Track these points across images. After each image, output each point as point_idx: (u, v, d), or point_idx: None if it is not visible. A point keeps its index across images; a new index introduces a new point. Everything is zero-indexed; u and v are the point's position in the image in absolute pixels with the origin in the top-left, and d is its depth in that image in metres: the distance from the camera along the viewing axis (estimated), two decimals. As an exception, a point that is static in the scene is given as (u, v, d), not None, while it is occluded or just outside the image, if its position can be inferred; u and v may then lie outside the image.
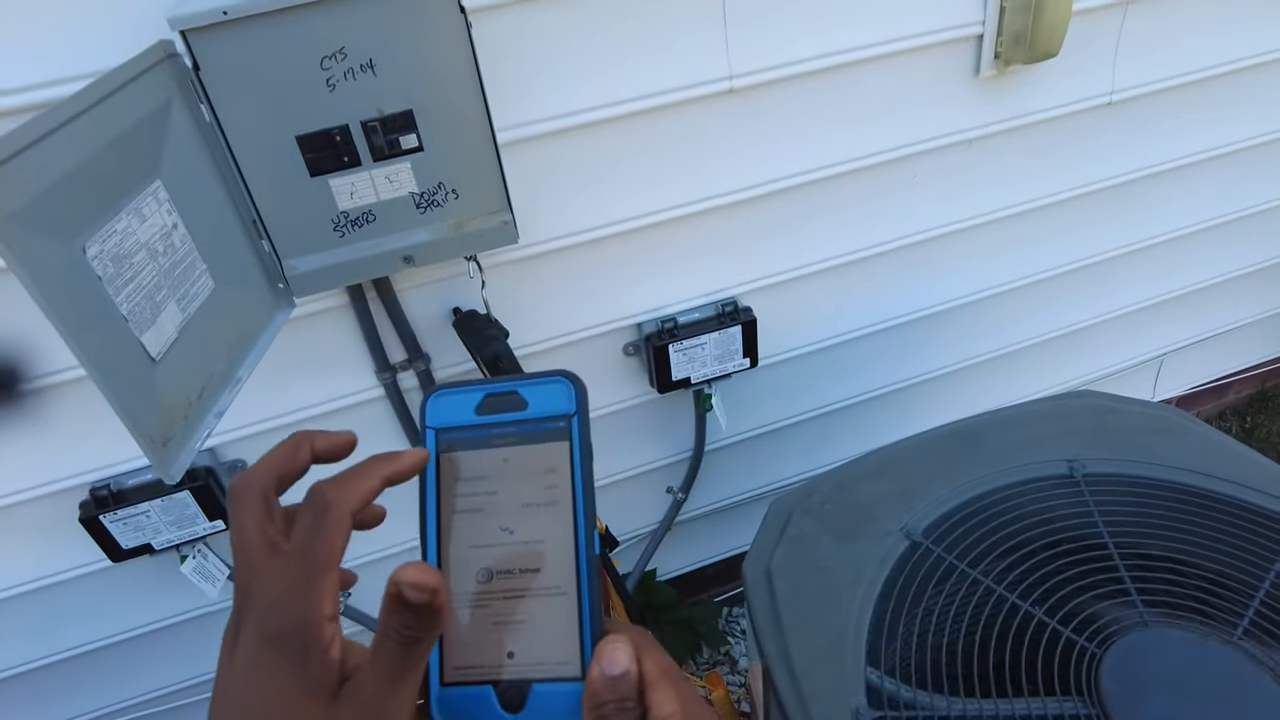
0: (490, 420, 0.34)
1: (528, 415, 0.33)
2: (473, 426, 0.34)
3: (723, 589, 1.74)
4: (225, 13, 0.74)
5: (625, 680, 0.30)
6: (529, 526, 0.33)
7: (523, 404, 0.34)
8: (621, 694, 0.30)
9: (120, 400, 0.62)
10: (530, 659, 0.31)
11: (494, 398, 0.34)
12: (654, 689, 0.30)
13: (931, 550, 0.84)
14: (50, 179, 0.59)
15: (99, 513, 1.05)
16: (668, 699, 0.30)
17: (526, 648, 0.32)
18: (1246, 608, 0.76)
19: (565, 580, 0.32)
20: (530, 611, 0.32)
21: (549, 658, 0.31)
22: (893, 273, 1.34)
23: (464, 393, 0.34)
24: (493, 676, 0.31)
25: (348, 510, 0.31)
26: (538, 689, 0.31)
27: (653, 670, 0.30)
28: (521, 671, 0.31)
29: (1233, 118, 1.41)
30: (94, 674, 1.29)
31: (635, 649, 0.30)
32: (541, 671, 0.31)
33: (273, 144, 0.83)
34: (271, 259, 0.90)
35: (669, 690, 0.30)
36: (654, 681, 0.30)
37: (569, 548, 0.32)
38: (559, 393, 0.33)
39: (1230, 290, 1.70)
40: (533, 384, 0.34)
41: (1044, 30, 1.09)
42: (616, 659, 0.30)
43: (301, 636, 0.28)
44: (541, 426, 0.33)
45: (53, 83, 0.80)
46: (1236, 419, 2.11)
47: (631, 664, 0.30)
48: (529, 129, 0.99)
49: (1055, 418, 0.99)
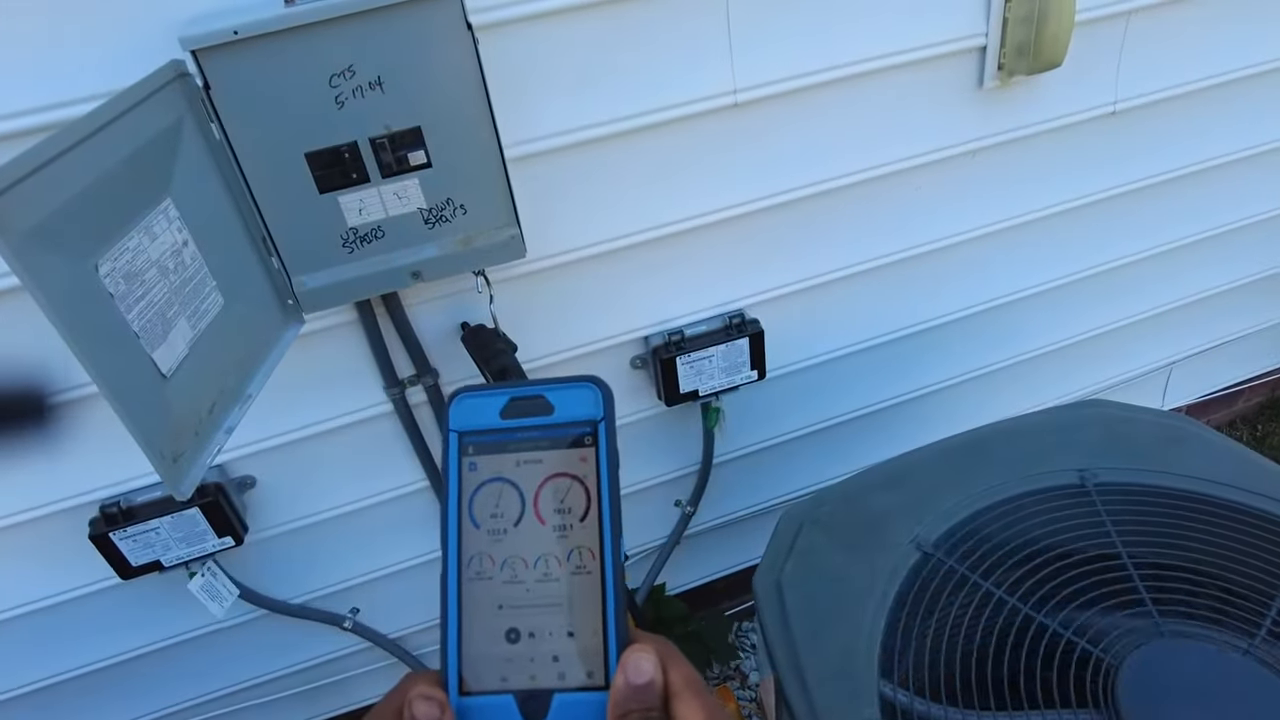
0: (515, 424, 0.33)
1: (554, 420, 0.33)
2: (497, 430, 0.33)
3: (733, 603, 1.73)
4: (236, 33, 0.75)
5: (650, 690, 0.29)
6: (553, 535, 0.32)
7: (549, 408, 0.33)
8: (646, 704, 0.29)
9: (132, 416, 0.63)
10: (553, 668, 0.31)
11: (519, 401, 0.33)
12: (678, 700, 0.30)
13: (943, 562, 0.84)
14: (64, 198, 0.60)
15: (109, 530, 1.05)
16: (692, 710, 0.29)
17: (548, 657, 0.31)
18: (1263, 616, 0.75)
19: (589, 589, 0.31)
20: (553, 619, 0.31)
21: (572, 667, 0.31)
22: (899, 284, 1.34)
23: (489, 396, 0.33)
24: (514, 686, 0.31)
25: (414, 686, 0.31)
26: (560, 698, 0.30)
27: (678, 681, 0.30)
28: (543, 681, 0.31)
29: (1238, 125, 1.41)
30: (102, 692, 1.28)
31: (660, 659, 0.30)
32: (564, 681, 0.31)
33: (282, 161, 0.83)
34: (281, 275, 0.90)
35: (693, 701, 0.30)
36: (679, 692, 0.30)
37: (594, 557, 0.32)
38: (586, 398, 0.33)
39: (1240, 297, 1.69)
40: (559, 388, 0.33)
41: (1047, 41, 1.10)
42: (642, 668, 0.29)
43: None
44: (568, 432, 0.33)
45: (61, 104, 0.81)
46: (1247, 427, 2.10)
47: (657, 673, 0.30)
48: (536, 145, 1.00)
49: (1065, 427, 0.99)
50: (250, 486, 1.15)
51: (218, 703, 1.38)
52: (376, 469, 1.20)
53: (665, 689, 0.30)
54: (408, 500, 1.25)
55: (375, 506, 1.23)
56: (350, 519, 1.23)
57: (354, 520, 1.24)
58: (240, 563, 1.21)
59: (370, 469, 1.20)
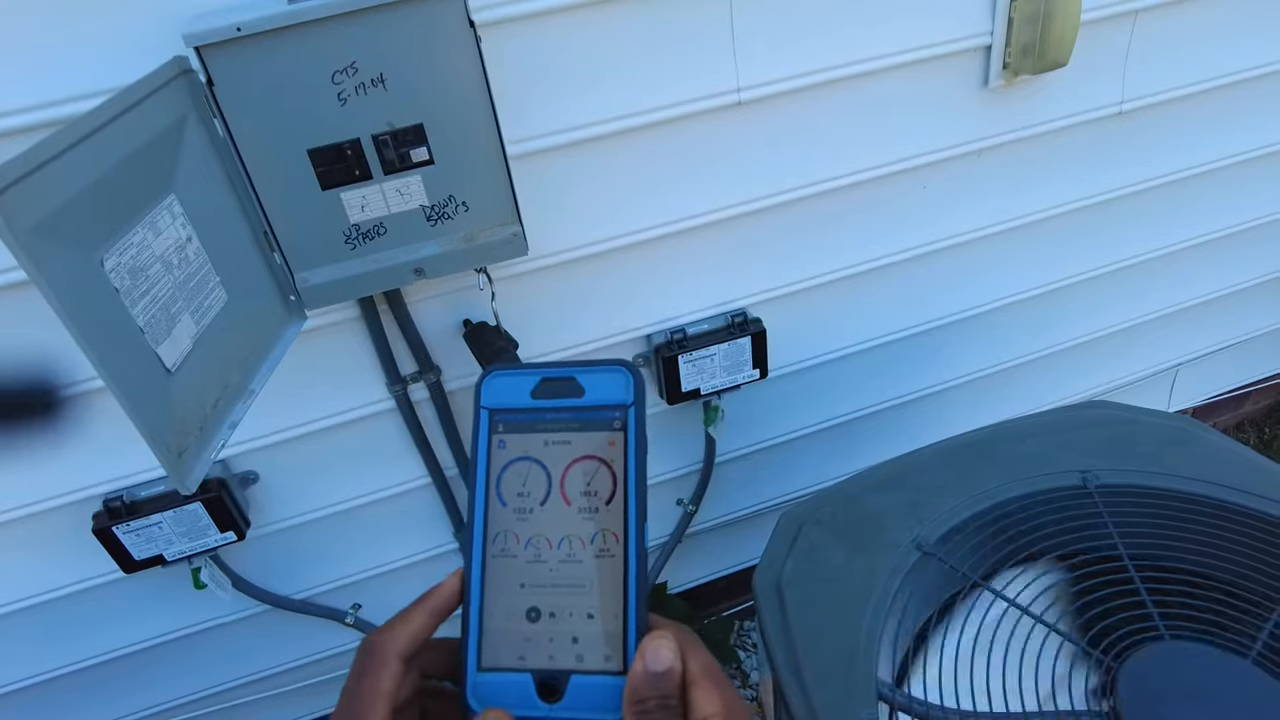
0: (545, 405, 0.33)
1: (584, 403, 0.33)
2: (527, 410, 0.33)
3: (735, 601, 1.73)
4: (239, 29, 0.75)
5: (669, 677, 0.29)
6: (579, 516, 0.32)
7: (579, 390, 0.33)
8: (664, 690, 0.29)
9: (137, 411, 0.63)
10: (571, 649, 0.31)
11: (550, 382, 0.33)
12: (696, 688, 0.30)
13: (944, 562, 0.83)
14: (70, 192, 0.60)
15: (112, 523, 1.06)
16: (710, 699, 0.29)
17: (568, 638, 0.31)
18: (1265, 620, 0.75)
19: (612, 573, 0.31)
20: (575, 602, 0.31)
21: (591, 649, 0.31)
22: (902, 284, 1.34)
23: (520, 375, 0.33)
24: (531, 665, 0.31)
25: (393, 653, 0.31)
26: (577, 680, 0.31)
27: (696, 669, 0.30)
28: (561, 661, 0.31)
29: (1248, 125, 1.40)
30: (102, 686, 1.29)
31: (680, 646, 0.30)
32: (582, 663, 0.31)
33: (285, 158, 0.84)
34: (284, 272, 0.90)
35: (712, 690, 0.30)
36: (697, 680, 0.30)
37: (618, 540, 0.32)
38: (617, 382, 0.33)
39: (1248, 299, 1.68)
40: (591, 371, 0.33)
41: (1053, 40, 1.09)
42: (661, 655, 0.30)
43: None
44: (598, 415, 0.33)
45: (65, 101, 0.82)
46: (1254, 430, 2.09)
47: (676, 661, 0.30)
48: (539, 142, 1.00)
49: (1068, 428, 0.99)
50: (253, 482, 1.15)
51: (218, 697, 1.39)
52: (379, 465, 1.20)
53: (683, 677, 0.30)
54: (410, 497, 1.25)
55: (377, 503, 1.24)
56: (352, 515, 1.24)
57: (356, 516, 1.24)
58: (242, 558, 1.22)
59: (372, 465, 1.20)
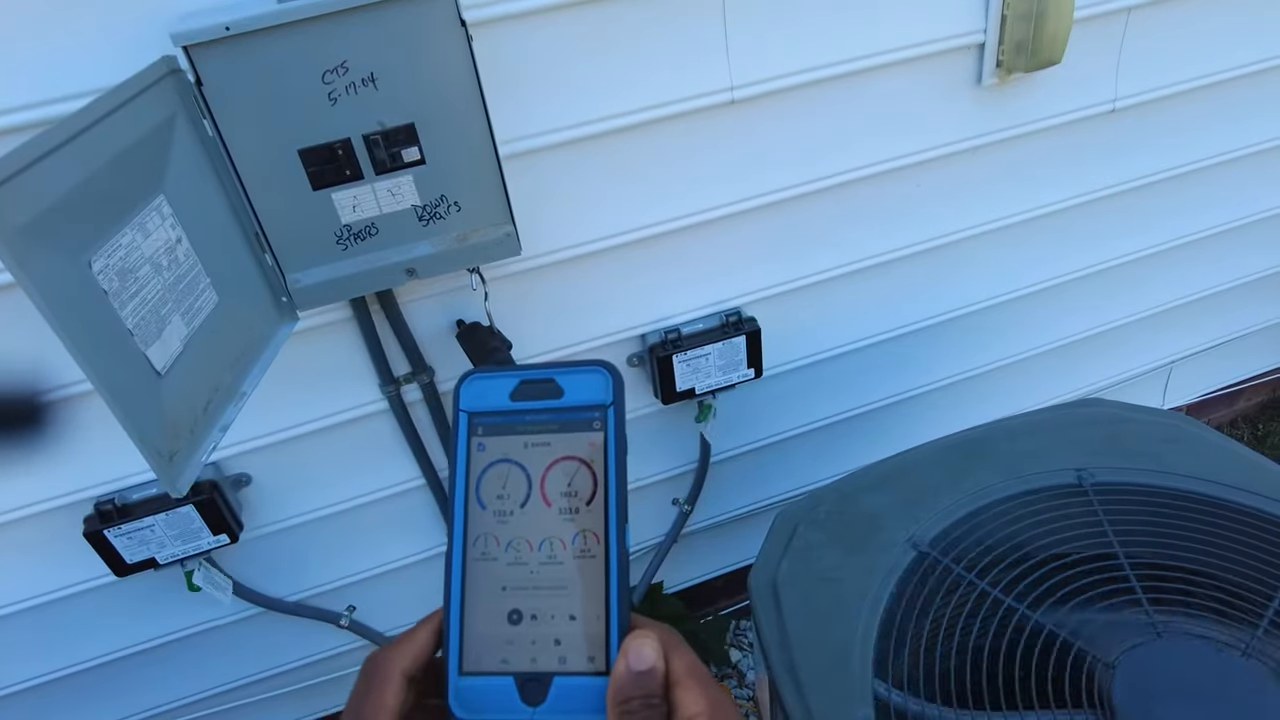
0: (525, 407, 0.33)
1: (563, 404, 0.33)
2: (506, 412, 0.33)
3: (731, 601, 1.73)
4: (228, 28, 0.74)
5: (652, 676, 0.29)
6: (559, 518, 0.32)
7: (558, 392, 0.33)
8: (648, 690, 0.29)
9: (127, 414, 0.62)
10: (554, 651, 0.31)
11: (529, 384, 0.33)
12: (680, 687, 0.30)
13: (939, 561, 0.83)
14: (56, 194, 0.59)
15: (104, 527, 1.05)
16: (694, 698, 0.29)
17: (550, 640, 0.31)
18: (1261, 618, 0.75)
19: (594, 574, 0.31)
20: (556, 603, 0.31)
21: (573, 651, 0.31)
22: (896, 282, 1.34)
23: (499, 377, 0.33)
24: (514, 668, 0.31)
25: (397, 670, 0.31)
26: (560, 682, 0.30)
27: (680, 668, 0.30)
28: (544, 664, 0.31)
29: (1238, 124, 1.41)
30: (95, 689, 1.28)
31: (663, 646, 0.30)
32: (565, 665, 0.31)
33: (275, 158, 0.83)
34: (275, 273, 0.90)
35: (696, 689, 0.29)
36: (681, 679, 0.30)
37: (599, 541, 0.32)
38: (596, 383, 0.33)
39: (1240, 296, 1.69)
40: (569, 373, 0.33)
41: (1046, 38, 1.09)
42: (644, 654, 0.29)
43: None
44: (577, 416, 0.33)
45: (52, 101, 0.81)
46: (1248, 426, 2.09)
47: (659, 660, 0.29)
48: (531, 141, 1.00)
49: (1063, 426, 0.99)
50: (245, 484, 1.14)
51: (212, 700, 1.38)
52: (372, 467, 1.20)
53: (667, 677, 0.30)
54: (403, 498, 1.25)
55: (370, 504, 1.23)
56: (345, 517, 1.23)
57: (349, 518, 1.24)
58: (236, 560, 1.21)
59: (365, 467, 1.20)
